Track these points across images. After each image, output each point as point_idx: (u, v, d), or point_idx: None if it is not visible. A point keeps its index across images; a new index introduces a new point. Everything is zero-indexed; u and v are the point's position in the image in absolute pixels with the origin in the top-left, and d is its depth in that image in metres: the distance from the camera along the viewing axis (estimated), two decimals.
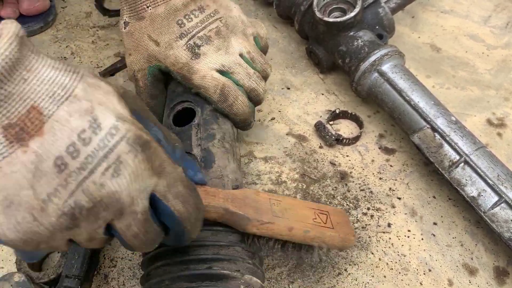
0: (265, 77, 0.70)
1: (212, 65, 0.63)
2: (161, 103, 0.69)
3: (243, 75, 0.65)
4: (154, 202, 0.42)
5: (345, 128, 0.81)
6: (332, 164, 0.76)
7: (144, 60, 0.65)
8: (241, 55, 0.66)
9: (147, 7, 0.63)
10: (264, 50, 0.72)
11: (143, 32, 0.64)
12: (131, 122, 0.39)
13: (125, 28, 0.65)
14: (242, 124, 0.68)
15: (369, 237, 0.68)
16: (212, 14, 0.65)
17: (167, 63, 0.64)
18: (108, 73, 0.86)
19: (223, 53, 0.64)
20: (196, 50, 0.63)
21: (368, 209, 0.71)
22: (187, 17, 0.64)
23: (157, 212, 0.43)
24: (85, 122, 0.37)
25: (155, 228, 0.43)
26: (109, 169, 0.37)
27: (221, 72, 0.64)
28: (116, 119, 0.38)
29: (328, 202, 0.71)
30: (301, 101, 0.84)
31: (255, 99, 0.68)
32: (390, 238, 0.68)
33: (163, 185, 0.42)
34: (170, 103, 0.67)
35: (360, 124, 0.80)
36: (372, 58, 0.75)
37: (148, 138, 0.40)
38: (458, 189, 0.66)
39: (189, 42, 0.63)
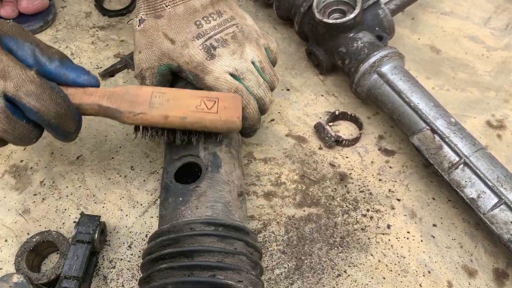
0: (272, 89, 0.70)
1: (226, 68, 0.64)
2: None
3: (253, 82, 0.66)
4: (13, 102, 0.52)
5: (345, 130, 0.81)
6: (332, 165, 0.76)
7: (155, 58, 0.66)
8: (253, 63, 0.66)
9: (166, 6, 0.64)
10: (273, 63, 0.72)
11: (159, 30, 0.64)
12: None
13: (139, 25, 0.66)
14: (249, 130, 0.68)
15: (369, 238, 0.68)
16: (229, 19, 0.67)
17: (181, 61, 0.64)
18: (108, 73, 0.86)
19: (237, 58, 0.65)
20: (212, 51, 0.64)
21: (368, 210, 0.71)
22: (205, 19, 0.65)
23: (22, 111, 0.52)
24: None
25: (23, 125, 0.53)
26: None
27: (233, 76, 0.64)
28: None
29: (327, 204, 0.71)
30: (300, 102, 0.84)
31: (261, 108, 0.68)
32: (389, 240, 0.68)
33: (11, 86, 0.50)
34: None
35: (359, 126, 0.80)
36: (372, 59, 0.75)
37: None
38: (458, 190, 0.66)
39: (206, 43, 0.64)
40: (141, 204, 0.70)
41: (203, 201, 0.55)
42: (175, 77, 0.69)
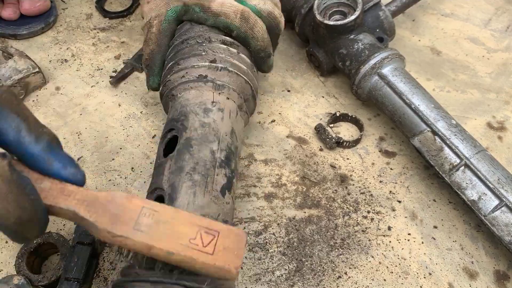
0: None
1: None
2: (162, 55, 0.71)
3: (257, 0, 0.68)
4: None
5: (346, 131, 0.81)
6: (332, 167, 0.76)
7: (163, 4, 0.68)
8: None
9: None
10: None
11: None
12: None
13: None
14: (262, 53, 0.69)
15: (369, 240, 0.68)
16: None
17: None
18: (119, 80, 0.85)
19: None
20: None
21: (368, 212, 0.71)
22: None
23: None
24: None
25: None
26: None
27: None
28: None
29: (328, 205, 0.71)
30: (301, 103, 0.84)
31: (273, 23, 0.70)
32: (390, 242, 0.68)
33: None
34: (164, 129, 0.65)
35: (360, 127, 0.80)
36: (373, 61, 0.75)
37: None
38: (459, 192, 0.66)
39: None
40: None
41: None
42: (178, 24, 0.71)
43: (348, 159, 0.77)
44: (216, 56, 0.65)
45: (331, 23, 0.78)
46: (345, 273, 0.65)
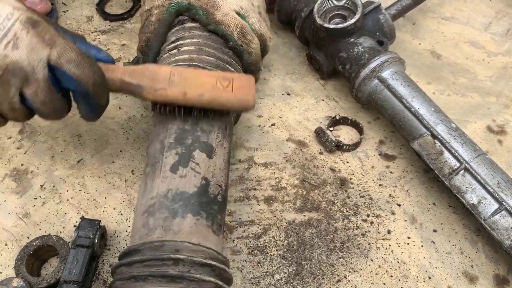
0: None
1: (233, 6, 0.69)
2: (158, 43, 0.71)
3: (256, 20, 0.71)
4: (54, 72, 0.53)
5: (345, 134, 0.81)
6: (332, 170, 0.76)
7: None
8: (252, 5, 0.73)
9: None
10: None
11: None
12: (24, 9, 0.52)
13: None
14: (254, 66, 0.73)
15: (369, 244, 0.68)
16: None
17: None
18: None
19: None
20: None
21: (368, 215, 0.71)
22: None
23: (60, 83, 0.54)
24: None
25: (59, 98, 0.55)
26: (9, 43, 0.50)
27: (239, 14, 0.70)
28: (12, 9, 0.51)
29: (328, 209, 0.71)
30: (301, 107, 0.84)
31: (263, 45, 0.74)
32: (390, 245, 0.68)
33: (55, 54, 0.52)
34: None
35: (360, 130, 0.80)
36: (373, 64, 0.75)
37: (38, 19, 0.53)
38: (458, 196, 0.66)
39: None
40: None
41: None
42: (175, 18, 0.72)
43: (348, 162, 0.77)
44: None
45: (331, 26, 0.78)
46: (345, 277, 0.64)
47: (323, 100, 0.85)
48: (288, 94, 0.86)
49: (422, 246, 0.68)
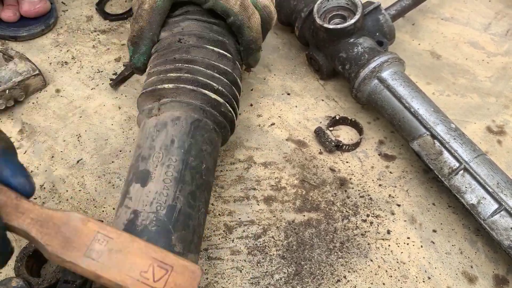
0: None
1: None
2: (152, 33, 0.68)
3: None
4: None
5: (345, 134, 0.81)
6: (332, 170, 0.76)
7: None
8: None
9: None
10: None
11: None
12: None
13: None
14: (254, 45, 0.70)
15: (368, 244, 0.68)
16: None
17: None
18: (120, 83, 0.85)
19: None
20: None
21: (368, 216, 0.71)
22: None
23: None
24: None
25: None
26: None
27: None
28: None
29: (327, 209, 0.71)
30: (301, 106, 0.84)
31: (267, 18, 0.71)
32: (389, 245, 0.68)
33: None
34: None
35: (360, 131, 0.80)
36: (372, 65, 0.75)
37: None
38: (458, 196, 0.66)
39: None
40: None
41: None
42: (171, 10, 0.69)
43: (347, 162, 0.77)
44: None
45: (331, 26, 0.78)
46: (344, 277, 0.64)
47: (322, 100, 0.85)
48: (288, 94, 0.86)
49: (421, 246, 0.68)
